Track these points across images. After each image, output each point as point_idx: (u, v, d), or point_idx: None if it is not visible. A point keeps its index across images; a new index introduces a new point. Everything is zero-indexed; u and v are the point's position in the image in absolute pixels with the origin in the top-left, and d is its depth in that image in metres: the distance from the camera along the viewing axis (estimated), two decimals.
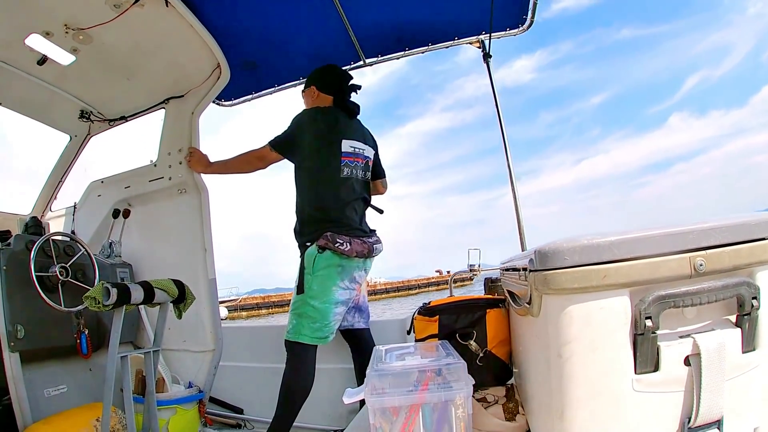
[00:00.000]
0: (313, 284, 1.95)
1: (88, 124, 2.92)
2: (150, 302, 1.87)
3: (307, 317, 1.94)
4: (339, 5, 2.34)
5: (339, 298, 1.97)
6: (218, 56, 2.41)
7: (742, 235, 0.92)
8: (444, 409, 1.14)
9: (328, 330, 1.96)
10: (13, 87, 2.51)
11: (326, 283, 1.94)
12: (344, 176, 2.05)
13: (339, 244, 1.93)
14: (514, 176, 2.58)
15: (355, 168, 2.10)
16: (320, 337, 1.95)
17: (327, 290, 1.94)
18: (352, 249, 1.95)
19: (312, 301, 1.94)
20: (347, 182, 2.06)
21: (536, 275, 0.97)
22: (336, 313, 1.98)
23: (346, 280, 1.98)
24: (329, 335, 1.97)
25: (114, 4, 2.08)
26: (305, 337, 1.93)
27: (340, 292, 1.97)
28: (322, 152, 2.05)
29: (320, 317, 1.94)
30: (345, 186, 2.05)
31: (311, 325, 1.93)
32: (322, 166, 2.05)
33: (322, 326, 1.94)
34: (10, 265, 1.97)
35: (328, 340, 1.98)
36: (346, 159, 2.07)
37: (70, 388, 2.16)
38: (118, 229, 2.75)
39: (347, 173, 2.07)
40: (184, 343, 2.54)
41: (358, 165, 2.12)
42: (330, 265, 1.94)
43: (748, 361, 0.92)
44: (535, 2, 2.42)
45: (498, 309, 1.68)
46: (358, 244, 1.98)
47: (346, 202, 2.04)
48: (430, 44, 2.73)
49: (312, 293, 1.94)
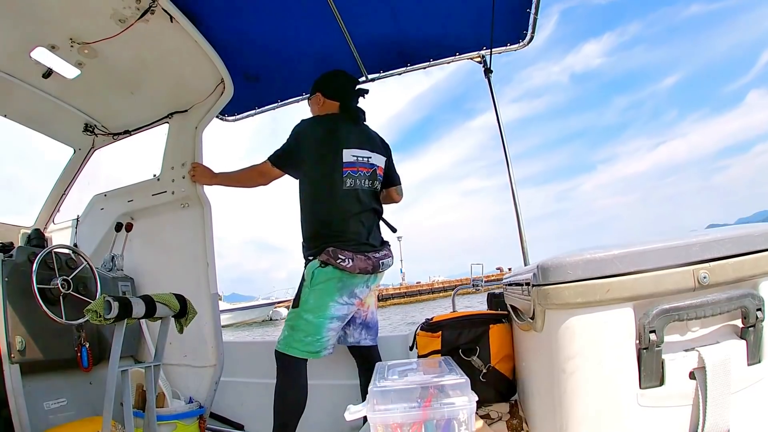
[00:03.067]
0: (309, 298, 1.91)
1: (92, 138, 2.94)
2: (151, 316, 1.87)
3: (299, 330, 1.90)
4: (341, 20, 2.37)
5: (335, 313, 1.92)
6: (222, 72, 2.43)
7: (745, 247, 0.92)
8: (447, 426, 1.13)
9: (320, 345, 1.91)
10: (18, 99, 2.54)
11: (323, 298, 1.90)
12: (347, 188, 1.99)
13: (341, 261, 1.88)
14: (515, 188, 2.58)
15: (360, 178, 2.03)
16: (311, 351, 1.90)
17: (323, 305, 1.90)
18: (355, 266, 1.89)
19: (306, 315, 1.90)
20: (351, 194, 2.00)
21: (539, 290, 0.97)
22: (330, 329, 1.92)
23: (345, 296, 1.93)
24: (322, 350, 1.91)
25: (119, 19, 2.10)
26: (295, 350, 1.90)
27: (336, 308, 1.91)
28: (322, 164, 2.00)
29: (313, 331, 1.89)
30: (349, 198, 1.99)
31: (303, 339, 1.89)
32: (322, 179, 2.00)
33: (314, 340, 1.89)
34: (12, 276, 1.96)
35: (321, 355, 1.92)
36: (348, 170, 2.00)
37: (70, 401, 2.14)
38: (121, 242, 2.75)
39: (350, 185, 2.00)
40: (185, 357, 2.52)
41: (363, 175, 2.05)
42: (329, 279, 1.89)
43: (754, 374, 0.91)
44: (536, 18, 2.44)
45: (501, 324, 1.68)
46: (362, 261, 1.92)
47: (350, 216, 1.98)
48: (432, 60, 2.75)
49: (307, 307, 1.91)
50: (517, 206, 2.58)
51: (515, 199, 2.58)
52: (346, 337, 2.11)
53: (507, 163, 2.62)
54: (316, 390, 2.05)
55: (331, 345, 1.96)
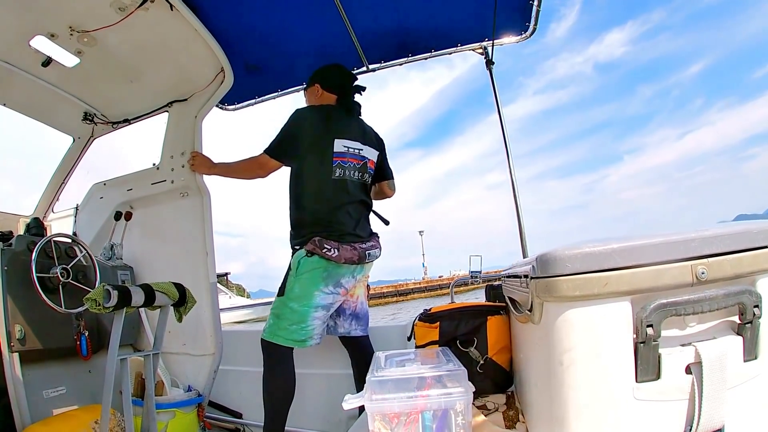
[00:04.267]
0: (295, 286, 1.91)
1: (91, 126, 2.94)
2: (150, 305, 1.87)
3: (284, 318, 1.90)
4: (342, 10, 2.35)
5: (320, 302, 1.92)
6: (222, 60, 2.42)
7: (743, 243, 0.92)
8: (444, 416, 1.13)
9: (305, 333, 1.91)
10: (17, 88, 2.53)
11: (308, 287, 1.90)
12: (336, 177, 1.99)
13: (326, 250, 1.88)
14: (516, 182, 2.58)
15: (349, 169, 2.04)
16: (296, 339, 1.90)
17: (308, 293, 1.90)
18: (341, 255, 1.90)
19: (291, 303, 1.90)
20: (340, 184, 2.00)
21: (537, 282, 0.97)
22: (315, 317, 1.92)
23: (330, 285, 1.93)
24: (307, 339, 1.92)
25: (119, 7, 2.09)
26: (280, 338, 1.90)
27: (321, 297, 1.92)
28: (313, 152, 2.00)
29: (298, 319, 1.90)
30: (337, 188, 1.99)
31: (288, 327, 1.89)
32: (312, 167, 2.00)
33: (299, 329, 1.90)
34: (11, 265, 1.97)
35: (307, 344, 1.92)
36: (338, 159, 2.00)
37: (69, 389, 2.16)
38: (120, 231, 2.76)
39: (340, 174, 2.00)
40: (184, 346, 2.54)
41: (353, 166, 2.05)
42: (315, 268, 1.90)
43: (750, 370, 0.91)
44: (538, 9, 2.43)
45: (499, 316, 1.68)
46: (348, 251, 1.93)
47: (337, 205, 1.98)
48: (433, 50, 2.74)
49: (292, 295, 1.91)
50: (516, 199, 2.58)
51: (515, 192, 2.58)
52: (336, 327, 2.11)
53: (507, 156, 2.62)
54: (313, 379, 2.06)
55: (318, 335, 1.96)
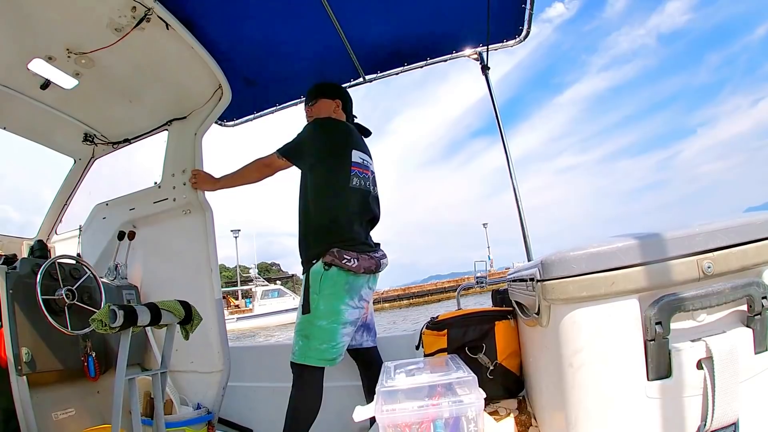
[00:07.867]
0: (320, 304, 1.87)
1: (91, 147, 2.95)
2: (157, 324, 1.86)
3: (314, 338, 1.86)
4: (337, 22, 2.37)
5: (348, 318, 1.89)
6: (219, 77, 2.43)
7: (748, 236, 0.92)
8: (456, 424, 1.13)
9: (336, 352, 1.88)
10: (17, 111, 2.54)
11: (334, 303, 1.87)
12: (353, 186, 2.00)
13: (346, 261, 1.86)
14: (516, 180, 2.58)
15: (364, 180, 2.06)
16: (328, 359, 1.87)
17: (335, 310, 1.87)
18: (360, 265, 1.88)
19: (319, 322, 1.86)
20: (356, 193, 2.01)
21: (543, 285, 0.97)
22: (344, 334, 1.90)
23: (355, 299, 1.91)
24: (337, 357, 1.89)
25: (115, 28, 2.10)
26: (312, 359, 1.86)
27: (349, 312, 1.89)
28: (333, 158, 2.01)
29: (328, 338, 1.86)
30: (354, 197, 2.00)
31: (318, 347, 1.85)
32: (332, 172, 2.00)
33: (329, 348, 1.86)
34: (16, 288, 1.97)
35: (337, 362, 1.89)
36: (356, 169, 2.02)
37: (78, 411, 2.15)
38: (124, 251, 2.75)
39: (356, 183, 2.01)
40: (192, 364, 2.52)
41: (367, 177, 2.08)
42: (337, 283, 1.87)
43: (761, 362, 0.91)
44: (531, 13, 2.44)
45: (507, 321, 1.68)
46: (366, 260, 1.92)
47: (354, 215, 1.98)
48: (428, 59, 2.76)
49: (319, 313, 1.86)
50: (518, 199, 2.57)
51: (515, 191, 2.57)
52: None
53: (506, 153, 2.62)
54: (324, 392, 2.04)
55: (344, 351, 1.94)
